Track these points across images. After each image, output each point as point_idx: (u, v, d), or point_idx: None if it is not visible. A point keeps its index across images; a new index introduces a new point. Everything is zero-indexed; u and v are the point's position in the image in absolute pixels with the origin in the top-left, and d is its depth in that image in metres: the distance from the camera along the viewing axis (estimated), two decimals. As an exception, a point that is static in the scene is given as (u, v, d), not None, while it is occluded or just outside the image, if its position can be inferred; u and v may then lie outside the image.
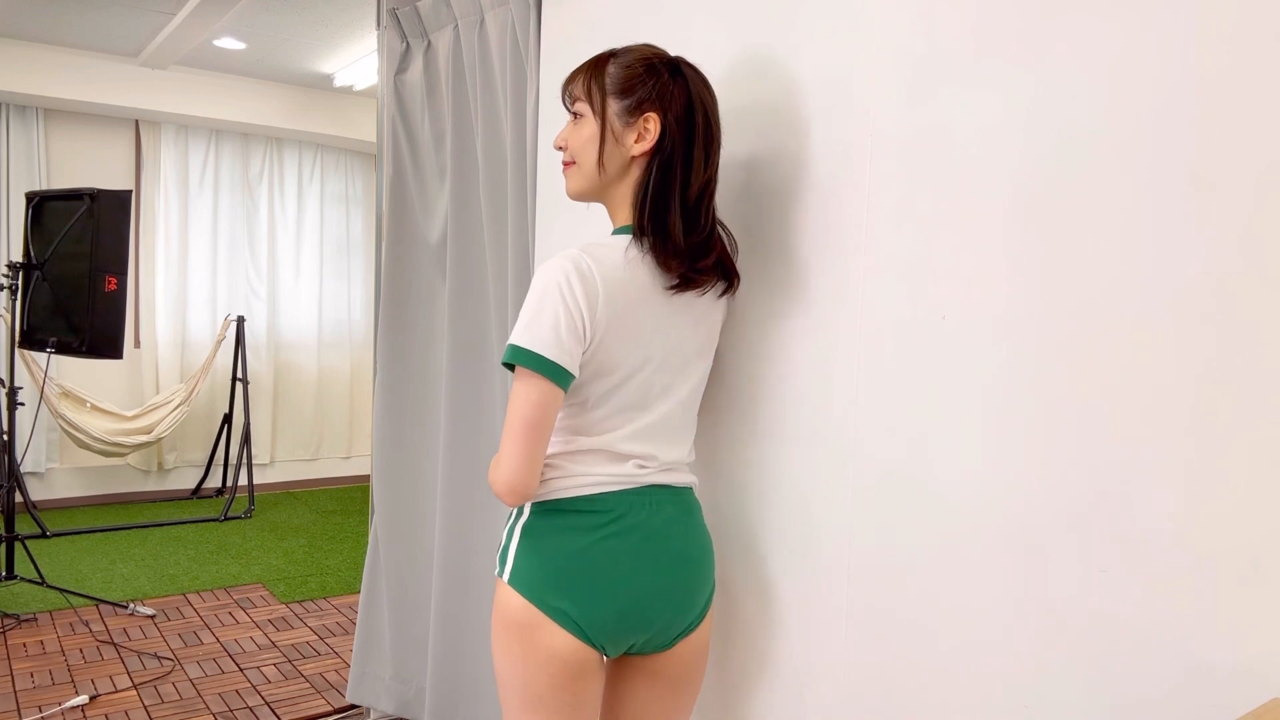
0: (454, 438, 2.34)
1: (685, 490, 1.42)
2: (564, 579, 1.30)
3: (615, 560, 1.31)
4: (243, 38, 4.64)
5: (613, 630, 1.31)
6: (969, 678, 1.19)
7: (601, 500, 1.32)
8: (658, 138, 1.32)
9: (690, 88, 1.34)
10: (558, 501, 1.33)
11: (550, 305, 1.25)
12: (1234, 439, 0.95)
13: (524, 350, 1.25)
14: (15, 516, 3.80)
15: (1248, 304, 0.94)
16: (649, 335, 1.34)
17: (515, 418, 1.25)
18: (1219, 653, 0.96)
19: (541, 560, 1.31)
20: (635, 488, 1.35)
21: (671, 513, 1.37)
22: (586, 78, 1.36)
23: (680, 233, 1.32)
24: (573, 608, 1.29)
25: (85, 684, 3.02)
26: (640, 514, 1.34)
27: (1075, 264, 1.08)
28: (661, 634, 1.37)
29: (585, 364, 1.30)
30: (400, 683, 2.58)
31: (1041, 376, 1.11)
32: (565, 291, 1.25)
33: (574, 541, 1.31)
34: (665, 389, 1.38)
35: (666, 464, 1.39)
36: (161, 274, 5.62)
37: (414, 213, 2.54)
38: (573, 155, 1.38)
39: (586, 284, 1.26)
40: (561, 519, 1.32)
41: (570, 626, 1.29)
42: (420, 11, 2.42)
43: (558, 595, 1.29)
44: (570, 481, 1.33)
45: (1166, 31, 1.01)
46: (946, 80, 1.22)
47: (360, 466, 6.43)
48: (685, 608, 1.37)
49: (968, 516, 1.19)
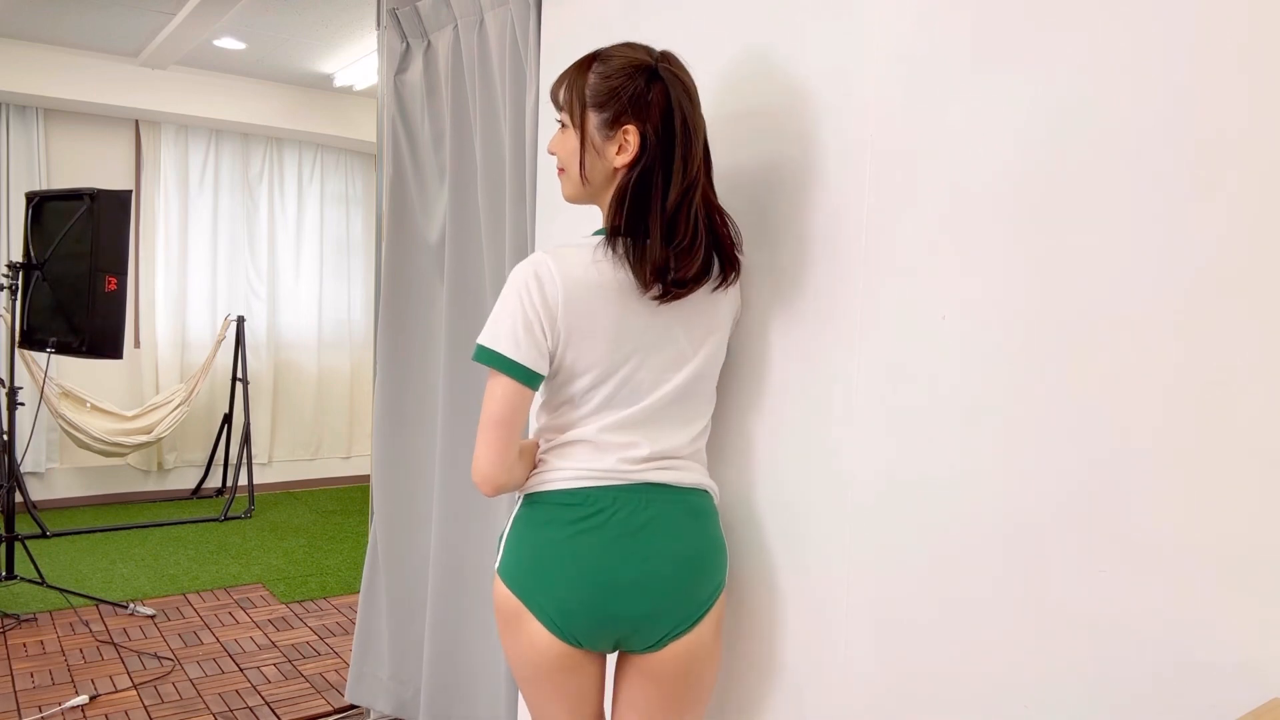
0: (450, 438, 2.34)
1: (690, 492, 1.41)
2: (539, 570, 1.34)
3: (587, 553, 1.33)
4: (243, 38, 4.64)
5: (584, 624, 1.34)
6: (969, 678, 1.19)
7: (582, 494, 1.35)
8: (638, 149, 1.33)
9: (669, 94, 1.33)
10: (541, 494, 1.38)
11: (510, 307, 1.32)
12: (1235, 439, 0.95)
13: (485, 348, 1.32)
14: (15, 516, 3.80)
15: (1248, 304, 0.94)
16: (629, 333, 1.35)
17: (484, 413, 1.33)
18: (1219, 653, 0.96)
19: (522, 551, 1.37)
20: (623, 484, 1.36)
21: (661, 511, 1.36)
22: (568, 87, 1.38)
23: (659, 241, 1.32)
24: (545, 600, 1.34)
25: (85, 684, 3.02)
26: (623, 510, 1.34)
27: (1075, 264, 1.08)
28: (644, 633, 1.36)
29: (559, 363, 1.35)
30: (398, 683, 2.58)
31: (1041, 376, 1.11)
32: (523, 294, 1.31)
33: (551, 534, 1.35)
34: (654, 384, 1.38)
35: (662, 461, 1.38)
36: (161, 274, 5.62)
37: (414, 213, 2.53)
38: (561, 163, 1.42)
39: (545, 287, 1.31)
40: (543, 511, 1.37)
41: (544, 619, 1.34)
42: (420, 11, 2.42)
43: (534, 587, 1.35)
44: (553, 474, 1.37)
45: (1166, 31, 1.01)
46: (946, 81, 1.22)
47: (360, 466, 6.43)
48: (668, 607, 1.35)
49: (968, 516, 1.19)
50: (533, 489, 1.39)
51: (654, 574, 1.34)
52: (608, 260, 1.34)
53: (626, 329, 1.35)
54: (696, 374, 1.42)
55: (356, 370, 6.41)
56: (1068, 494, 1.09)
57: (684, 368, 1.40)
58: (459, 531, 2.34)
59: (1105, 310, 1.05)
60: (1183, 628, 0.99)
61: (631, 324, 1.35)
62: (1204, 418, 0.97)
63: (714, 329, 1.44)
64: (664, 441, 1.39)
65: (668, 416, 1.40)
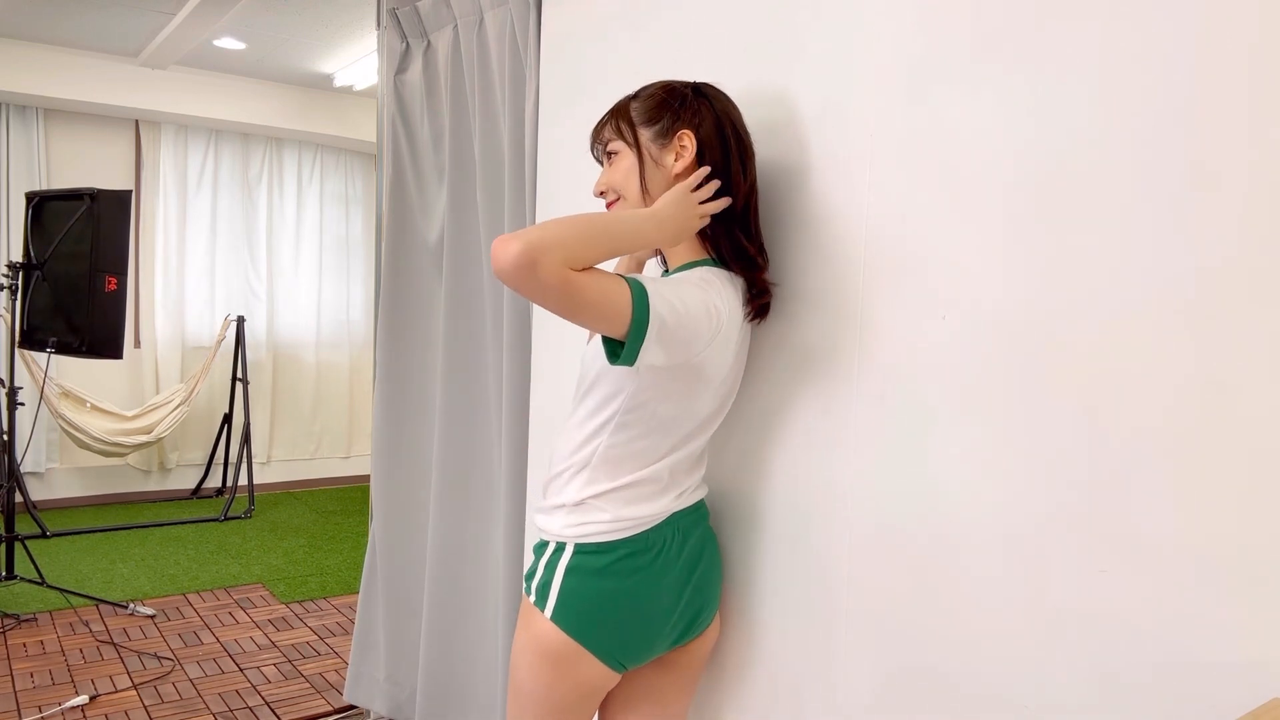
0: (448, 440, 2.34)
1: (701, 504, 1.45)
2: (605, 615, 1.32)
3: (658, 594, 1.35)
4: (243, 38, 4.64)
5: (647, 651, 1.38)
6: (969, 678, 1.19)
7: (643, 538, 1.34)
8: (696, 152, 1.33)
9: (714, 105, 1.36)
10: (605, 545, 1.33)
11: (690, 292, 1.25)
12: (1235, 439, 0.95)
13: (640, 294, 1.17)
14: (15, 516, 3.80)
15: (1248, 304, 0.94)
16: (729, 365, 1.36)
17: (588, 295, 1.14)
18: (1219, 652, 0.96)
19: (589, 601, 1.31)
20: (672, 514, 1.37)
21: (695, 533, 1.41)
22: (613, 120, 1.38)
23: (745, 243, 1.35)
24: (611, 642, 1.32)
25: (85, 684, 3.02)
26: (674, 543, 1.37)
27: (1076, 264, 1.08)
28: (690, 635, 1.44)
29: (678, 368, 1.26)
30: (394, 684, 2.58)
31: (1042, 376, 1.11)
32: (704, 287, 1.29)
33: (617, 583, 1.32)
34: (711, 418, 1.39)
35: (694, 484, 1.43)
36: (161, 274, 5.62)
37: (413, 213, 2.53)
38: (616, 190, 1.38)
39: (719, 285, 1.32)
40: (608, 560, 1.32)
41: (607, 659, 1.33)
42: (420, 11, 2.42)
43: (605, 634, 1.31)
44: (619, 525, 1.32)
45: (1165, 31, 1.00)
46: (945, 81, 1.22)
47: (360, 466, 6.43)
48: (711, 610, 1.46)
49: (968, 516, 1.19)
50: (596, 537, 1.33)
51: (705, 592, 1.42)
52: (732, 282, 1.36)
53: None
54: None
55: (356, 370, 6.41)
56: (1068, 494, 1.09)
57: (728, 402, 1.42)
58: (457, 533, 2.34)
59: (1106, 310, 1.05)
60: (1183, 627, 0.99)
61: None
62: (1205, 417, 0.97)
63: (744, 362, 1.44)
64: (699, 474, 1.44)
65: (705, 449, 1.45)
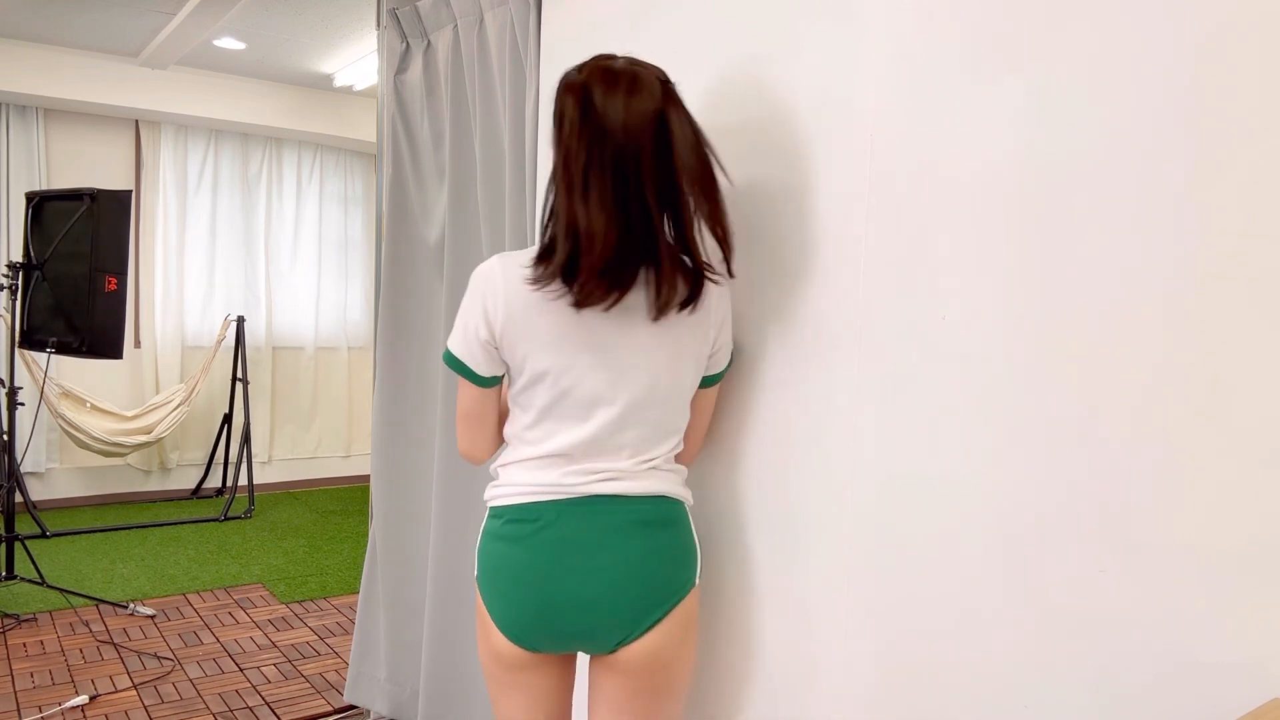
0: (449, 440, 2.34)
1: (643, 501, 1.37)
2: (494, 581, 1.39)
3: (530, 568, 1.36)
4: (243, 38, 4.64)
5: (532, 634, 1.38)
6: (969, 678, 1.19)
7: (530, 509, 1.37)
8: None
9: (566, 98, 1.29)
10: (497, 509, 1.42)
11: (464, 308, 1.38)
12: (1235, 439, 0.95)
13: (446, 349, 1.41)
14: (15, 516, 3.80)
15: (1248, 304, 0.94)
16: (566, 343, 1.33)
17: (456, 407, 1.45)
18: (1219, 653, 0.96)
19: (484, 561, 1.42)
20: (569, 498, 1.36)
21: (608, 523, 1.35)
22: None
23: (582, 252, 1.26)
24: (497, 609, 1.40)
25: (85, 684, 3.02)
26: (569, 525, 1.35)
27: (1075, 265, 1.08)
28: (594, 642, 1.38)
29: (509, 367, 1.39)
30: (394, 684, 2.57)
31: (1041, 376, 1.11)
32: (474, 296, 1.36)
33: (503, 548, 1.39)
34: (598, 398, 1.34)
35: (613, 474, 1.36)
36: (161, 274, 5.62)
37: (413, 213, 2.53)
38: None
39: (489, 289, 1.35)
40: (498, 525, 1.41)
41: (499, 624, 1.40)
42: (420, 11, 2.42)
43: (491, 596, 1.40)
44: (506, 490, 1.41)
45: (1164, 33, 1.00)
46: (945, 82, 1.22)
47: (360, 466, 6.43)
48: (614, 619, 1.35)
49: (968, 517, 1.19)
50: (492, 502, 1.43)
51: (595, 588, 1.34)
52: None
53: (565, 339, 1.33)
54: (650, 388, 1.36)
55: (356, 370, 6.41)
56: (1068, 494, 1.09)
57: (628, 383, 1.35)
58: (457, 533, 2.34)
59: (1106, 310, 1.05)
60: (1183, 627, 0.99)
61: (570, 335, 1.33)
62: (1205, 418, 0.97)
63: (678, 352, 1.38)
64: (621, 462, 1.37)
65: (628, 436, 1.37)
